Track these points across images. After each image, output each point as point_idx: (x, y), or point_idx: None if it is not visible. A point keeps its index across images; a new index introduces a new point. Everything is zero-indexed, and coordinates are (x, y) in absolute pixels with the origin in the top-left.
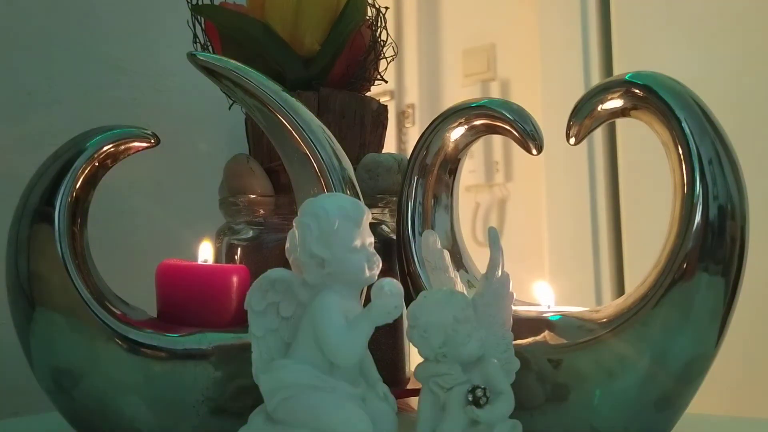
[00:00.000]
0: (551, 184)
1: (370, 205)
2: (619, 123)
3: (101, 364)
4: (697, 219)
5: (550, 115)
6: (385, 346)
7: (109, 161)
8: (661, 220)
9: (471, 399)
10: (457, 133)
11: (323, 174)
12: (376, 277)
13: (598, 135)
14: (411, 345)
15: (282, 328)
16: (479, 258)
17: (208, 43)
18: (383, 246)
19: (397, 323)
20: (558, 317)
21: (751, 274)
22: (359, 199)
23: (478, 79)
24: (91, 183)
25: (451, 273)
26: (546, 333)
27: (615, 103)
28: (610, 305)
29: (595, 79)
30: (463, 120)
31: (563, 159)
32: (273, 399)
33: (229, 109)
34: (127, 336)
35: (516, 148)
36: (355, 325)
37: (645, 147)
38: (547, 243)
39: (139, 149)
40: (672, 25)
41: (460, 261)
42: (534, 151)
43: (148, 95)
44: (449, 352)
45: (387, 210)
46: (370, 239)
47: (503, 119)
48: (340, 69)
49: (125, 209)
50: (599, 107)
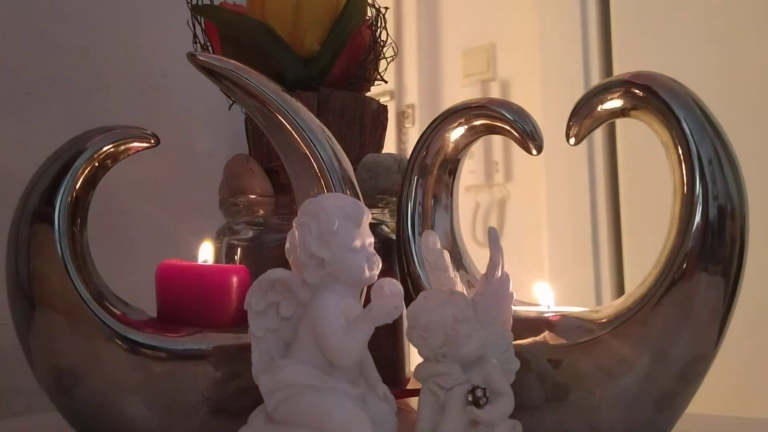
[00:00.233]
0: (551, 184)
1: (370, 206)
2: (619, 123)
3: (101, 365)
4: (697, 219)
5: (550, 115)
6: (385, 346)
7: (109, 161)
8: (660, 220)
9: (471, 399)
10: (456, 133)
11: (323, 174)
12: (376, 278)
13: (598, 135)
14: (411, 345)
15: (282, 328)
16: (479, 258)
17: (208, 44)
18: (383, 246)
19: (397, 323)
20: (558, 317)
21: (751, 274)
22: (359, 199)
23: (478, 79)
24: (91, 183)
25: (451, 273)
26: (546, 333)
27: (615, 103)
28: (610, 305)
29: (595, 79)
30: (463, 120)
31: (563, 159)
32: (273, 399)
33: (229, 109)
34: (127, 336)
35: (516, 149)
36: (355, 325)
37: (645, 147)
38: (547, 243)
39: (139, 149)
40: (672, 25)
41: (460, 261)
42: (534, 152)
43: (148, 95)
44: (449, 352)
45: (387, 210)
46: (370, 239)
47: (503, 119)
48: (339, 69)
49: (125, 209)
50: (599, 107)
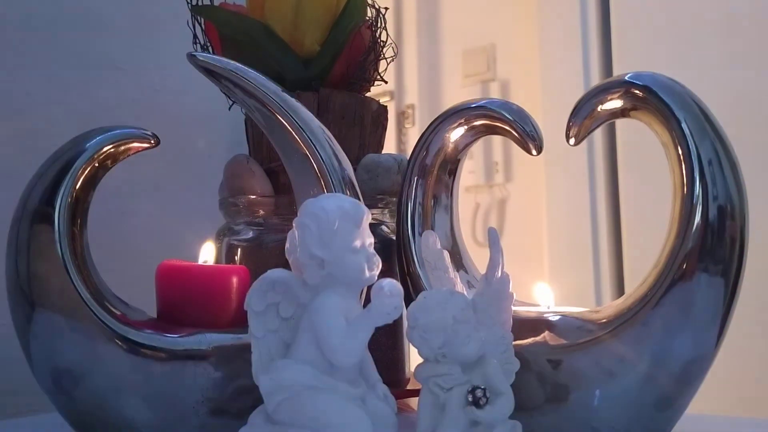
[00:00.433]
0: (551, 184)
1: (370, 206)
2: (618, 123)
3: (101, 365)
4: (697, 219)
5: (550, 116)
6: (385, 346)
7: (109, 162)
8: (660, 221)
9: (471, 399)
10: (456, 133)
11: (323, 174)
12: (376, 278)
13: (598, 135)
14: (411, 345)
15: (282, 328)
16: (479, 258)
17: (208, 44)
18: (383, 246)
19: (397, 324)
20: (558, 318)
21: (751, 274)
22: (359, 199)
23: (478, 80)
24: (90, 183)
25: (451, 273)
26: (546, 333)
27: (615, 103)
28: (610, 305)
29: (595, 80)
30: (462, 120)
31: (563, 159)
32: (273, 399)
33: (229, 109)
34: (127, 336)
35: (516, 149)
36: (355, 325)
37: (644, 147)
38: (547, 243)
39: (139, 150)
40: (672, 26)
41: (459, 261)
42: (534, 152)
43: (148, 96)
44: (449, 353)
45: (387, 210)
46: (370, 240)
47: (503, 120)
48: (339, 69)
49: (125, 210)
50: (599, 108)
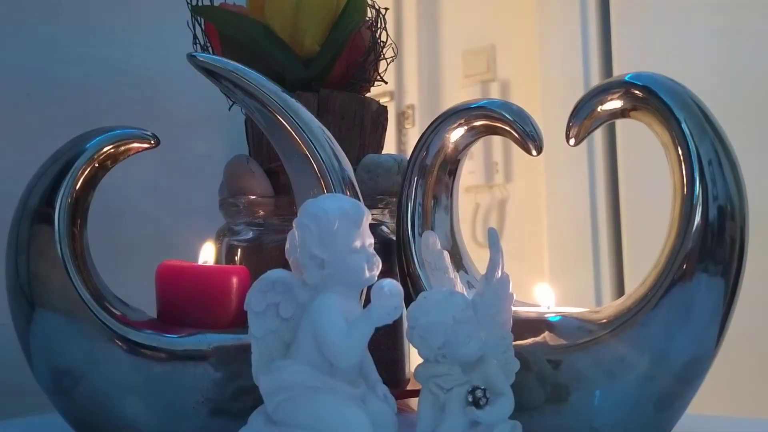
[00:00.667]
0: (551, 185)
1: (370, 206)
2: (618, 124)
3: (101, 365)
4: (697, 219)
5: (550, 116)
6: (385, 346)
7: (109, 162)
8: (660, 221)
9: (471, 400)
10: (456, 133)
11: (323, 175)
12: (376, 278)
13: (598, 136)
14: (411, 346)
15: (282, 329)
16: (479, 259)
17: (208, 44)
18: (383, 247)
19: (397, 324)
20: (558, 318)
21: (751, 275)
22: (359, 199)
23: (478, 80)
24: (90, 184)
25: (451, 274)
26: (546, 334)
27: (614, 103)
28: (610, 306)
29: (595, 80)
30: (462, 121)
31: (563, 160)
32: (273, 400)
33: (229, 110)
34: (127, 337)
35: (516, 149)
36: (355, 326)
37: (644, 148)
38: (547, 244)
39: (139, 150)
40: (672, 26)
41: (459, 262)
42: (534, 152)
43: (148, 96)
44: (449, 353)
45: (387, 211)
46: (370, 240)
47: (503, 120)
48: (339, 70)
49: (125, 210)
50: (599, 108)
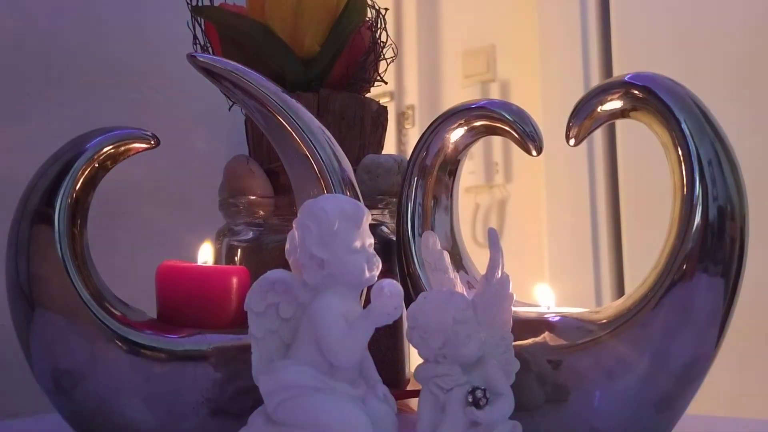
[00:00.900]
0: (551, 185)
1: (370, 206)
2: (618, 124)
3: (101, 366)
4: (697, 220)
5: (550, 116)
6: (385, 347)
7: (109, 162)
8: (660, 221)
9: (471, 400)
10: (456, 134)
11: (323, 175)
12: (376, 278)
13: (598, 136)
14: (411, 346)
15: (282, 329)
16: (479, 259)
17: (208, 45)
18: (383, 247)
19: (397, 324)
20: (558, 318)
21: (751, 275)
22: (359, 200)
23: (478, 80)
24: (90, 184)
25: (451, 274)
26: (546, 334)
27: (614, 104)
28: (610, 306)
29: (595, 80)
30: (462, 121)
31: (563, 160)
32: (273, 400)
33: (229, 110)
34: (127, 337)
35: (516, 150)
36: (355, 326)
37: (644, 148)
38: (547, 244)
39: (139, 150)
40: (672, 26)
41: (459, 262)
42: (533, 152)
43: (148, 96)
44: (449, 353)
45: (387, 211)
46: (370, 240)
47: (503, 120)
48: (339, 70)
49: (125, 210)
50: (599, 108)
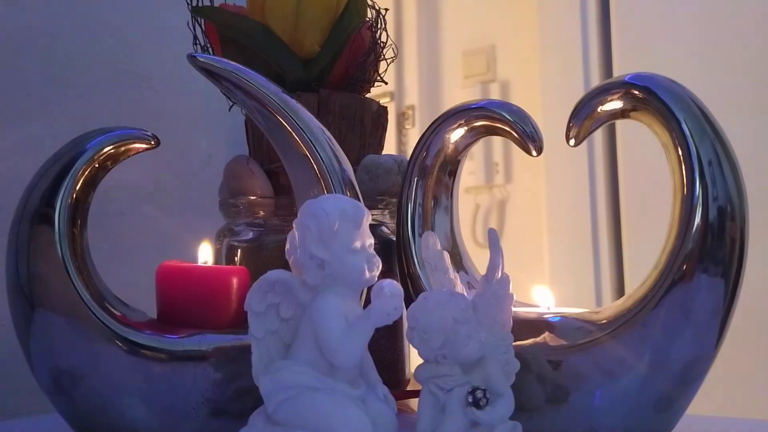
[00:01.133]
0: (551, 185)
1: (370, 207)
2: (619, 124)
3: (101, 366)
4: (697, 220)
5: (550, 117)
6: (385, 347)
7: (109, 163)
8: (661, 222)
9: (471, 400)
10: (456, 134)
11: (323, 175)
12: (376, 279)
13: (598, 136)
14: (411, 346)
15: (282, 329)
16: (479, 259)
17: (208, 45)
18: (383, 247)
19: (397, 324)
20: (558, 318)
21: (751, 275)
22: (359, 200)
23: (478, 81)
24: (91, 184)
25: (451, 274)
26: (546, 334)
27: (615, 104)
28: (610, 306)
29: (595, 81)
30: (463, 121)
31: (563, 160)
32: (273, 400)
33: (230, 110)
34: (127, 337)
35: (516, 150)
36: (355, 326)
37: (645, 148)
38: (547, 244)
39: (139, 150)
40: (672, 26)
41: (460, 262)
42: (534, 153)
43: (148, 96)
44: (449, 354)
45: (387, 211)
46: (370, 240)
47: (503, 120)
48: (339, 70)
49: (125, 210)
50: (599, 108)
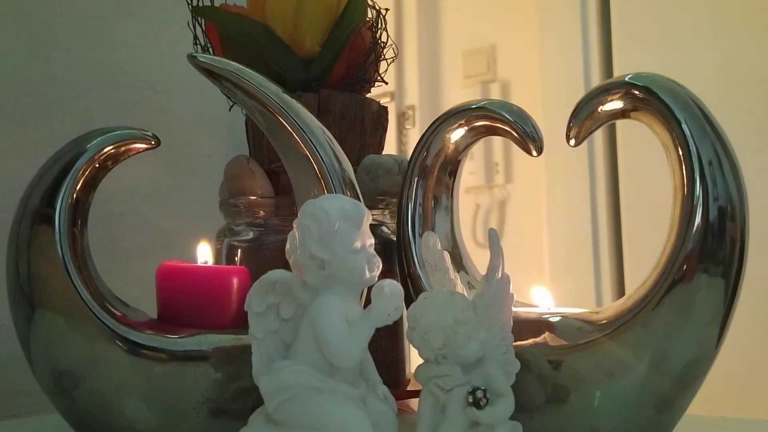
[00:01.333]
0: (551, 185)
1: (370, 207)
2: (619, 124)
3: (102, 366)
4: (697, 220)
5: (550, 117)
6: (385, 347)
7: (109, 163)
8: (661, 222)
9: (471, 400)
10: (457, 134)
11: (323, 175)
12: (377, 279)
13: (599, 136)
14: (411, 346)
15: (282, 329)
16: (479, 259)
17: (209, 45)
18: (383, 247)
19: (397, 325)
20: (558, 319)
21: (751, 276)
22: (359, 200)
23: (478, 81)
24: (91, 184)
25: (451, 274)
26: (546, 334)
27: (615, 104)
28: (610, 307)
29: (595, 81)
30: (463, 121)
31: (563, 160)
32: (273, 400)
33: (230, 110)
34: (128, 337)
35: (516, 150)
36: (356, 326)
37: (645, 148)
38: (547, 244)
39: (140, 150)
40: (672, 26)
41: (460, 262)
42: (534, 153)
43: (149, 96)
44: (449, 354)
45: (387, 211)
46: (371, 241)
47: (503, 120)
48: (340, 70)
49: (125, 210)
50: (599, 109)
